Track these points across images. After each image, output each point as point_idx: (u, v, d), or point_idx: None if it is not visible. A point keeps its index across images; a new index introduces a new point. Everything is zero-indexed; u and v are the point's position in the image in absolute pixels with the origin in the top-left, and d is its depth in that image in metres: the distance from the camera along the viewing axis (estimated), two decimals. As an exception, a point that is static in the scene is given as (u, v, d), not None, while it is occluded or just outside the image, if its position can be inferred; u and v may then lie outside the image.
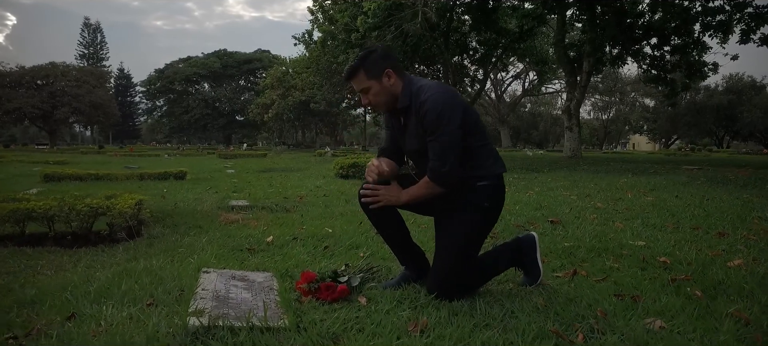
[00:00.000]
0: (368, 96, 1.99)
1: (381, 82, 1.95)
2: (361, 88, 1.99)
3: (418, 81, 1.99)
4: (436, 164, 1.91)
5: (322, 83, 25.08)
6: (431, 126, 1.88)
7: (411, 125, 2.00)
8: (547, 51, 22.25)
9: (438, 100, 1.87)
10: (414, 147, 2.04)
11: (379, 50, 2.00)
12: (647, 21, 16.28)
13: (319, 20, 20.44)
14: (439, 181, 1.95)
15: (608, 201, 5.18)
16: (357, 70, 1.97)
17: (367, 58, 1.96)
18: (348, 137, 67.64)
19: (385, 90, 1.97)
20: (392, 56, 2.04)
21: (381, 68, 1.95)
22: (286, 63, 44.70)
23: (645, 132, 52.36)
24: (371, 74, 1.95)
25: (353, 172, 8.65)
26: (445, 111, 1.87)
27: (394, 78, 1.97)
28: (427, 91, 1.90)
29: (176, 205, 5.38)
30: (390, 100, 1.99)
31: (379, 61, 1.96)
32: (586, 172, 10.05)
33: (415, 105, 1.93)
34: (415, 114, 1.94)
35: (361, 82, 1.97)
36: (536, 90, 34.21)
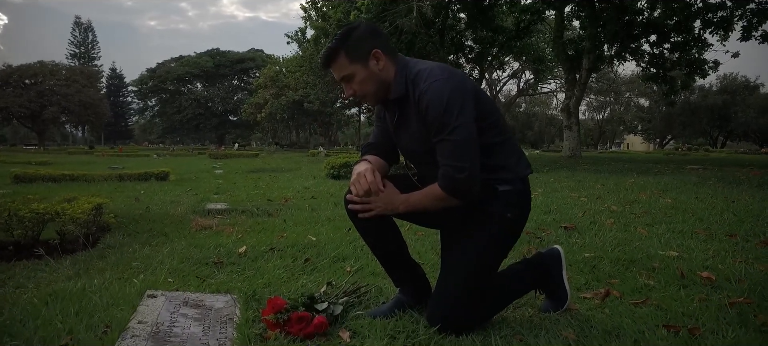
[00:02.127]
0: (353, 85, 1.54)
1: (367, 66, 1.52)
2: (343, 75, 1.54)
3: (415, 64, 1.54)
4: (450, 169, 1.45)
5: (315, 82, 24.63)
6: (437, 122, 1.43)
7: (409, 120, 1.56)
8: (544, 49, 21.91)
9: (442, 88, 1.42)
10: (414, 148, 1.60)
11: (362, 26, 1.56)
12: (646, 18, 15.96)
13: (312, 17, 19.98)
14: (455, 190, 1.48)
15: (622, 203, 4.75)
16: (336, 52, 1.52)
17: (347, 37, 1.51)
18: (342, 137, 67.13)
19: (373, 76, 1.53)
20: (380, 33, 1.58)
21: (367, 49, 1.51)
22: (280, 62, 44.17)
23: (640, 132, 52.34)
24: (354, 56, 1.51)
25: (345, 172, 8.20)
26: (453, 102, 1.42)
27: (383, 60, 1.53)
28: (427, 78, 1.46)
29: (148, 208, 4.89)
30: (380, 88, 1.56)
31: (365, 40, 1.52)
32: (588, 171, 9.66)
33: (414, 95, 1.49)
34: (414, 106, 1.50)
35: (343, 67, 1.53)
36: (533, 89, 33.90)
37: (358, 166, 1.60)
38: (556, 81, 34.70)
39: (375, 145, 1.72)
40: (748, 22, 14.15)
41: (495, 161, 1.56)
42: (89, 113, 47.83)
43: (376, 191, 1.53)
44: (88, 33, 70.49)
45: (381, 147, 1.72)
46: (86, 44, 69.94)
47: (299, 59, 25.55)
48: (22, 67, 46.63)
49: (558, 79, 32.64)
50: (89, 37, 70.47)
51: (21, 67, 46.54)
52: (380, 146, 1.72)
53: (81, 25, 70.09)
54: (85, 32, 70.25)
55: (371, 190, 1.53)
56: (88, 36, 70.42)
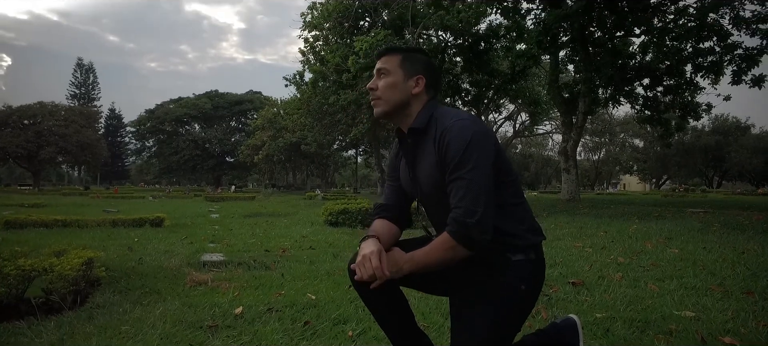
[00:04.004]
0: (380, 80, 1.54)
1: (406, 79, 1.52)
2: (382, 69, 1.55)
3: (443, 107, 1.54)
4: (461, 212, 1.36)
5: (313, 124, 24.83)
6: (456, 158, 1.38)
7: (425, 156, 1.50)
8: (539, 92, 22.27)
9: (467, 127, 1.39)
10: (426, 188, 1.53)
11: (430, 59, 1.60)
12: (639, 62, 16.33)
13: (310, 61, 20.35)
14: (465, 237, 1.37)
15: (629, 254, 4.64)
16: (396, 51, 1.56)
17: (413, 51, 1.58)
18: (339, 179, 67.20)
19: (401, 89, 1.52)
20: (437, 75, 1.60)
21: (417, 69, 1.53)
22: (278, 104, 44.70)
23: (636, 172, 52.66)
24: (403, 64, 1.53)
25: (343, 219, 8.06)
26: (475, 142, 1.38)
27: (420, 90, 1.53)
28: (452, 117, 1.44)
29: (141, 259, 4.74)
30: (398, 105, 1.53)
31: (421, 63, 1.54)
32: (588, 216, 9.58)
33: (436, 131, 1.45)
34: (434, 142, 1.46)
35: (389, 63, 1.54)
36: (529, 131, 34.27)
37: (364, 244, 1.50)
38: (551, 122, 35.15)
39: (387, 206, 1.66)
40: (738, 66, 14.47)
41: (508, 226, 1.47)
42: (86, 154, 47.81)
43: (381, 276, 1.43)
44: (89, 74, 71.55)
45: (393, 209, 1.65)
46: (87, 85, 70.85)
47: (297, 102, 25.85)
48: (22, 107, 46.93)
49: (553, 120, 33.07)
50: (90, 78, 71.49)
51: (21, 108, 46.83)
52: (393, 208, 1.65)
53: (83, 67, 71.25)
54: (87, 73, 71.32)
55: (376, 275, 1.43)
56: (89, 77, 71.45)
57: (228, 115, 61.73)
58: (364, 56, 12.44)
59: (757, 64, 14.28)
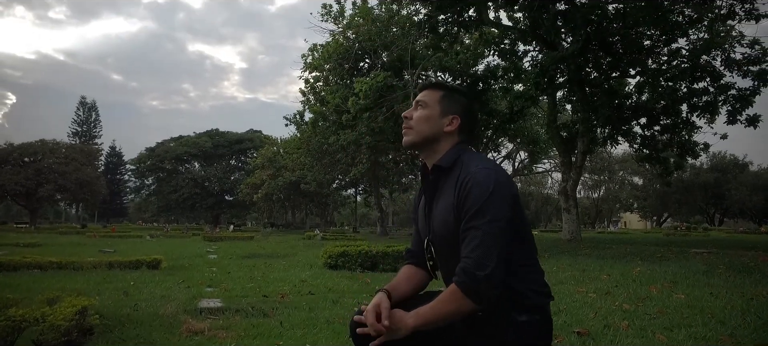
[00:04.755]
0: (416, 111, 1.55)
1: (441, 116, 1.52)
2: (421, 100, 1.56)
3: (471, 152, 1.53)
4: (472, 263, 1.31)
5: (312, 164, 24.92)
6: (474, 207, 1.34)
7: (444, 196, 1.48)
8: (538, 132, 22.49)
9: (491, 176, 1.36)
10: (438, 229, 1.50)
11: (470, 103, 1.61)
12: (635, 101, 16.57)
13: (310, 101, 20.63)
14: (473, 290, 1.32)
15: (634, 300, 4.55)
16: (439, 87, 1.58)
17: (455, 91, 1.60)
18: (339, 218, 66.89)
19: (435, 125, 1.52)
20: (474, 118, 1.62)
21: (454, 110, 1.53)
22: (277, 143, 45.00)
23: (636, 209, 52.52)
24: (442, 100, 1.54)
25: (343, 262, 7.95)
26: (497, 192, 1.34)
27: (454, 129, 1.52)
28: (479, 163, 1.42)
29: (137, 305, 4.62)
30: (428, 139, 1.53)
31: (460, 106, 1.54)
32: (590, 257, 9.46)
33: (459, 174, 1.43)
34: (455, 185, 1.43)
35: (429, 97, 1.55)
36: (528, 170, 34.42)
37: (375, 298, 1.48)
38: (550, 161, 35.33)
39: (413, 252, 1.67)
40: (732, 106, 14.69)
41: (517, 285, 1.42)
42: (85, 191, 47.71)
43: (378, 331, 1.38)
44: (92, 112, 72.34)
45: (420, 254, 1.64)
46: (89, 123, 71.51)
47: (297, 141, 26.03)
48: (23, 145, 47.21)
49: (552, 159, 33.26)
50: (92, 116, 72.23)
51: (22, 146, 47.11)
52: (419, 253, 1.64)
53: (85, 105, 72.10)
54: (89, 111, 72.11)
55: (379, 329, 1.38)
56: (91, 115, 72.20)
57: (228, 154, 62.05)
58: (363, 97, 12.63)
59: (751, 104, 14.50)
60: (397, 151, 20.55)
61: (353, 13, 18.61)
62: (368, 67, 17.44)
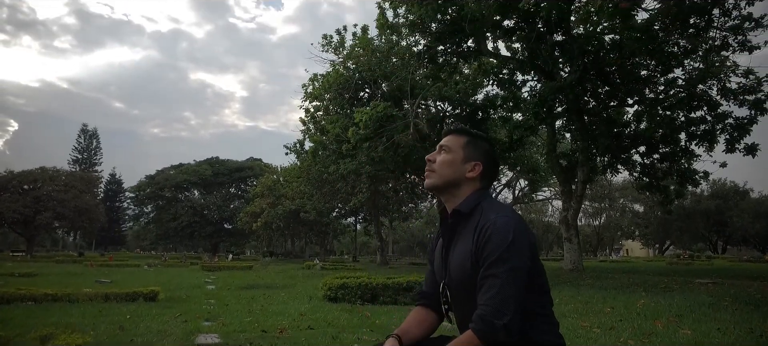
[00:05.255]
0: (440, 155, 1.58)
1: (464, 161, 1.55)
2: (445, 145, 1.59)
3: (491, 199, 1.55)
4: (489, 311, 1.30)
5: (312, 193, 24.89)
6: (494, 255, 1.34)
7: (460, 242, 1.49)
8: (537, 160, 22.54)
9: (511, 224, 1.37)
10: (455, 274, 1.50)
11: (493, 149, 1.66)
12: (634, 130, 16.68)
13: (310, 130, 20.74)
14: (490, 337, 1.31)
15: (639, 335, 4.45)
16: (462, 133, 1.62)
17: (479, 138, 1.62)
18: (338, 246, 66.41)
19: (457, 170, 1.55)
20: (495, 164, 1.64)
21: (476, 156, 1.56)
22: (277, 171, 45.05)
23: (638, 237, 52.18)
24: (466, 146, 1.57)
25: (343, 294, 7.83)
26: (517, 240, 1.34)
27: (476, 175, 1.55)
28: (499, 211, 1.43)
29: (133, 341, 4.52)
30: (450, 183, 1.55)
31: (483, 153, 1.58)
32: (593, 288, 9.34)
33: (479, 221, 1.44)
34: (474, 231, 1.44)
35: (453, 142, 1.59)
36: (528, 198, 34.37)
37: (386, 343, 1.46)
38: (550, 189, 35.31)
39: (426, 293, 1.67)
40: (730, 135, 14.78)
41: (533, 334, 1.39)
42: (83, 219, 47.45)
43: None
44: (93, 139, 72.64)
45: (432, 296, 1.64)
46: (89, 150, 71.71)
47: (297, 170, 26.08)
48: (23, 172, 47.18)
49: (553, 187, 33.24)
50: (93, 144, 72.48)
51: (22, 173, 47.08)
52: (431, 295, 1.64)
53: (87, 133, 72.44)
54: (90, 139, 72.40)
55: None
56: (92, 142, 72.46)
57: (228, 182, 62.02)
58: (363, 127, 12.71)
59: (748, 133, 14.61)
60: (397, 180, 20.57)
61: (353, 43, 18.94)
62: (368, 97, 17.62)
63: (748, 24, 13.23)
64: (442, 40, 14.58)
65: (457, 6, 13.69)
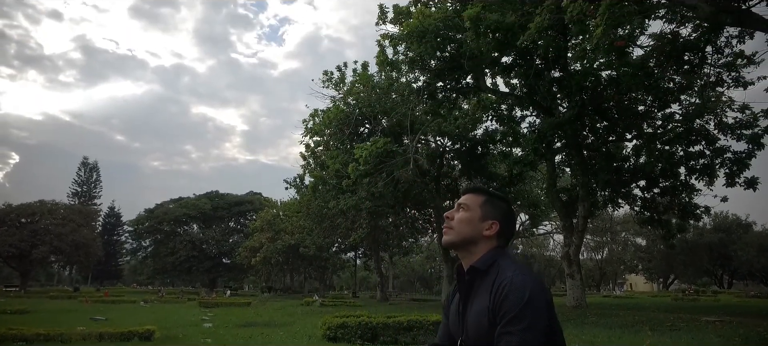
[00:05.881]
0: (457, 213, 1.62)
1: (481, 220, 1.58)
2: (463, 203, 1.63)
3: (508, 258, 1.56)
4: None
5: (312, 228, 24.75)
6: (511, 313, 1.35)
7: (477, 300, 1.51)
8: (538, 194, 22.48)
9: (528, 283, 1.39)
10: (471, 332, 1.51)
11: (512, 210, 1.69)
12: (633, 164, 16.71)
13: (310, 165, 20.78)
14: None
15: (649, 380, 4.30)
16: (480, 192, 1.66)
17: (496, 196, 1.66)
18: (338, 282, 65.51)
19: (474, 228, 1.58)
20: (512, 226, 1.67)
21: (493, 215, 1.59)
22: (277, 206, 44.89)
23: (641, 271, 51.51)
24: (483, 205, 1.61)
25: (342, 333, 7.64)
26: (535, 299, 1.36)
27: (492, 234, 1.58)
28: (516, 270, 1.45)
29: (124, 387, 4.37)
30: (466, 240, 1.59)
31: (500, 212, 1.61)
32: (598, 326, 9.14)
33: (495, 279, 1.47)
34: (490, 289, 1.46)
35: (471, 201, 1.63)
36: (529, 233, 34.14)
37: None
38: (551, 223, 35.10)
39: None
40: (730, 169, 14.80)
41: None
42: (80, 253, 47.00)
43: None
44: (93, 172, 72.55)
45: None
46: (89, 183, 71.48)
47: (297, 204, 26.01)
48: (21, 206, 47.00)
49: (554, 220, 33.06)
50: (93, 177, 72.33)
51: (21, 206, 46.89)
52: None
53: (87, 166, 72.41)
54: (90, 172, 72.28)
55: None
56: (92, 175, 72.30)
57: (227, 216, 61.68)
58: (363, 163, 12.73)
59: (748, 167, 14.64)
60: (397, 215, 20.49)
61: (354, 80, 19.23)
62: (368, 133, 17.74)
63: (740, 61, 13.45)
64: (442, 77, 14.80)
65: (456, 43, 13.97)
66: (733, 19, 10.68)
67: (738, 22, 11.18)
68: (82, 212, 52.08)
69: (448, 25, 13.25)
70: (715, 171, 15.29)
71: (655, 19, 13.17)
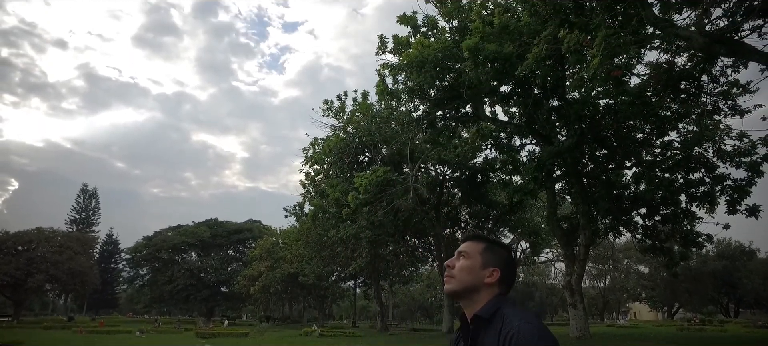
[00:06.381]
0: (459, 261, 1.64)
1: (482, 268, 1.61)
2: (464, 251, 1.65)
3: (511, 306, 1.59)
4: None
5: (312, 256, 24.53)
6: None
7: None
8: (538, 223, 22.37)
9: (535, 331, 1.42)
10: None
11: (512, 257, 1.71)
12: (634, 192, 16.66)
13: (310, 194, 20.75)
14: None
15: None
16: (480, 240, 1.67)
17: (496, 244, 1.68)
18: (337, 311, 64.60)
19: (475, 275, 1.61)
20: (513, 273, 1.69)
21: (494, 262, 1.62)
22: (276, 234, 44.65)
23: (645, 299, 50.75)
24: (484, 252, 1.63)
25: (341, 368, 7.44)
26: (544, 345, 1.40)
27: (492, 281, 1.60)
28: (522, 318, 1.48)
29: None
30: (468, 288, 1.63)
31: (501, 259, 1.64)
32: (604, 359, 8.91)
33: (501, 328, 1.49)
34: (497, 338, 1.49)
35: (471, 248, 1.65)
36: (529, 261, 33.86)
37: None
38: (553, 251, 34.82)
39: None
40: (730, 197, 14.75)
41: None
42: (76, 282, 46.40)
43: None
44: (92, 199, 72.30)
45: None
46: (88, 210, 71.12)
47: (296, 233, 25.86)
48: (18, 233, 46.64)
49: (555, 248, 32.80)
50: (92, 204, 72.04)
51: (17, 234, 46.53)
52: None
53: (86, 193, 72.19)
54: (89, 199, 72.04)
55: None
56: (91, 202, 72.03)
57: (226, 244, 61.26)
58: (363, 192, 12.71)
59: (748, 194, 14.60)
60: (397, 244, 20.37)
61: (354, 108, 19.41)
62: (368, 161, 17.79)
63: (736, 89, 13.58)
64: (441, 106, 14.91)
65: (455, 73, 14.13)
66: (727, 50, 10.85)
67: (731, 53, 11.35)
68: (79, 239, 51.71)
69: (447, 55, 13.44)
70: (715, 198, 15.24)
71: (650, 49, 13.36)
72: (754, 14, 10.30)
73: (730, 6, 10.67)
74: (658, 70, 13.18)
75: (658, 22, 10.49)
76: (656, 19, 10.48)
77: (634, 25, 10.54)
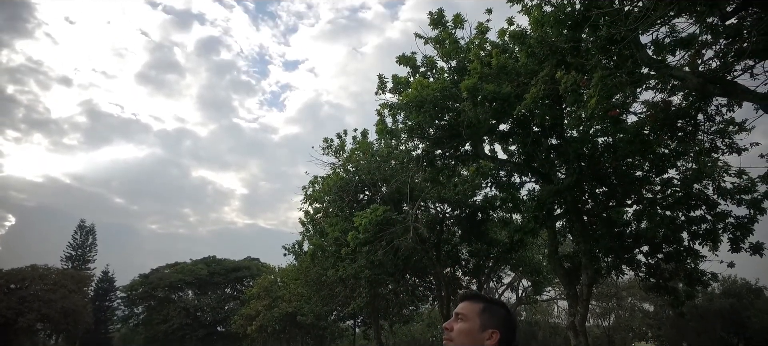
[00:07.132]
0: (456, 325, 1.62)
1: (480, 331, 1.59)
2: (461, 313, 1.62)
3: None
4: None
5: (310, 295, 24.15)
6: None
7: None
8: (540, 261, 22.12)
9: None
10: None
11: (511, 315, 1.67)
12: (635, 230, 16.53)
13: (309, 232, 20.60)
14: None
15: None
16: (478, 299, 1.64)
17: (494, 303, 1.65)
18: (335, 350, 63.00)
19: (474, 339, 1.59)
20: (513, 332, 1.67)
21: (494, 324, 1.60)
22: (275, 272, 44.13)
23: (651, 339, 49.58)
24: (482, 314, 1.61)
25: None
26: None
27: (493, 344, 1.60)
28: None
29: None
30: None
31: (500, 320, 1.61)
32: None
33: None
34: None
35: (468, 310, 1.62)
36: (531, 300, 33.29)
37: None
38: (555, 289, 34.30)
39: None
40: (733, 235, 14.62)
41: None
42: (69, 321, 45.46)
43: None
44: (89, 236, 71.66)
45: None
46: (84, 247, 70.39)
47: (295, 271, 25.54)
48: (12, 271, 46.05)
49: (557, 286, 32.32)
50: (89, 240, 71.38)
51: (11, 272, 45.92)
52: None
53: (83, 229, 71.64)
54: (86, 235, 71.43)
55: None
56: (88, 239, 71.38)
57: (223, 282, 60.42)
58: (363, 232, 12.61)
59: (751, 232, 14.47)
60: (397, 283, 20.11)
61: (353, 147, 19.53)
62: (368, 200, 17.80)
63: (732, 128, 13.70)
64: (440, 145, 14.99)
65: (454, 112, 14.29)
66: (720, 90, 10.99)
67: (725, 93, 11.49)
68: (74, 276, 51.00)
69: (446, 94, 13.62)
70: (718, 236, 15.09)
71: (646, 88, 13.56)
72: (745, 56, 10.50)
73: (721, 48, 10.90)
74: (655, 109, 13.33)
75: (653, 62, 10.68)
76: (650, 60, 10.68)
77: (630, 65, 10.74)
